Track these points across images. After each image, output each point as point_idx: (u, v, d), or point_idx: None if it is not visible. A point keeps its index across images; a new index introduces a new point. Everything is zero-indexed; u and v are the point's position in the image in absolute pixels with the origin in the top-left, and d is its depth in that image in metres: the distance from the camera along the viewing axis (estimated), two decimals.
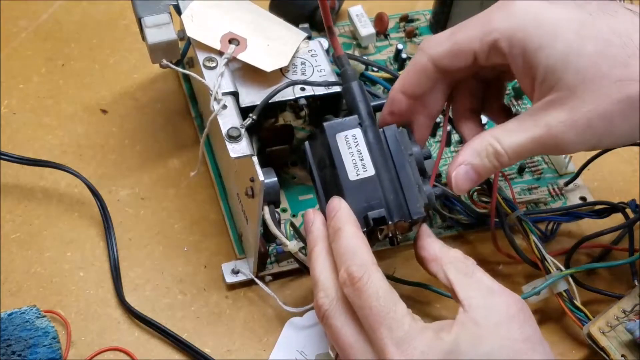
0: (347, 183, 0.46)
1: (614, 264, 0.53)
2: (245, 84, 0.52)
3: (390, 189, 0.46)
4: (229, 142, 0.47)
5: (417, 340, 0.40)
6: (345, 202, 0.45)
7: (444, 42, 0.46)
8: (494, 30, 0.44)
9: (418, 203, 0.46)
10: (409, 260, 0.54)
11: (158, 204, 0.58)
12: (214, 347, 0.51)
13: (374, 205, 0.45)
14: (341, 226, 0.44)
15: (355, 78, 0.49)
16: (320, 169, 0.48)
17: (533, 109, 0.44)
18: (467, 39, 0.45)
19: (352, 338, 0.42)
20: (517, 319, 0.41)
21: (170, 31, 0.54)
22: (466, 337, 0.40)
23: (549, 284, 0.50)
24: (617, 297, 0.52)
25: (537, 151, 0.44)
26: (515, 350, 0.40)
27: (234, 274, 0.53)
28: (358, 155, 0.46)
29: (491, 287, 0.42)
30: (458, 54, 0.46)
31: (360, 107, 0.48)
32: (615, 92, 0.41)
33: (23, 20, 0.68)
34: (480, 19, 0.45)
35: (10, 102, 0.63)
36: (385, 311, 0.40)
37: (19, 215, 0.56)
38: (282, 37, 0.55)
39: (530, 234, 0.52)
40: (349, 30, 0.68)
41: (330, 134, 0.47)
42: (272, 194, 0.48)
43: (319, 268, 0.45)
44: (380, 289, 0.41)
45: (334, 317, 0.43)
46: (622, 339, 0.49)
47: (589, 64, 0.42)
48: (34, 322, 0.50)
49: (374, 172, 0.46)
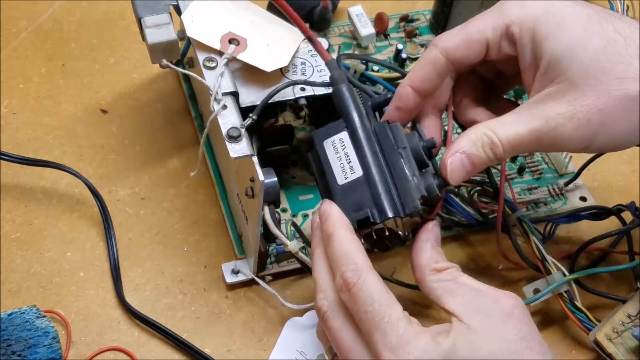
0: (336, 188, 0.45)
1: (617, 268, 0.53)
2: (245, 84, 0.52)
3: (381, 187, 0.45)
4: (229, 142, 0.47)
5: (411, 345, 0.40)
6: (336, 206, 0.45)
7: (456, 34, 0.46)
8: (506, 18, 0.45)
9: (412, 197, 0.44)
10: (404, 263, 0.55)
11: (158, 204, 0.58)
12: (214, 347, 0.51)
13: (363, 206, 0.45)
14: (333, 231, 0.44)
15: (343, 81, 0.48)
16: (320, 177, 0.48)
17: (531, 101, 0.44)
18: (479, 28, 0.46)
19: (350, 340, 0.42)
20: (512, 318, 0.40)
21: (170, 31, 0.54)
22: (463, 342, 0.40)
23: (553, 288, 0.50)
24: (619, 300, 0.52)
25: (533, 145, 0.44)
26: (513, 351, 0.39)
27: (234, 274, 0.53)
28: (346, 159, 0.46)
29: (477, 289, 0.42)
30: (471, 44, 0.46)
31: (348, 109, 0.47)
32: (616, 89, 0.42)
33: (23, 20, 0.68)
34: (493, 9, 0.46)
35: (10, 102, 0.63)
36: (380, 316, 0.40)
37: (19, 215, 0.56)
38: (282, 37, 0.55)
39: (530, 234, 0.52)
40: (348, 30, 0.68)
41: (318, 142, 0.47)
42: (272, 194, 0.48)
43: (318, 270, 0.45)
44: (374, 292, 0.41)
45: (333, 319, 0.43)
46: (629, 345, 0.49)
47: (592, 59, 0.42)
48: (34, 322, 0.50)
49: (362, 173, 0.45)
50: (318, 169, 0.47)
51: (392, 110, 0.48)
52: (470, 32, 0.46)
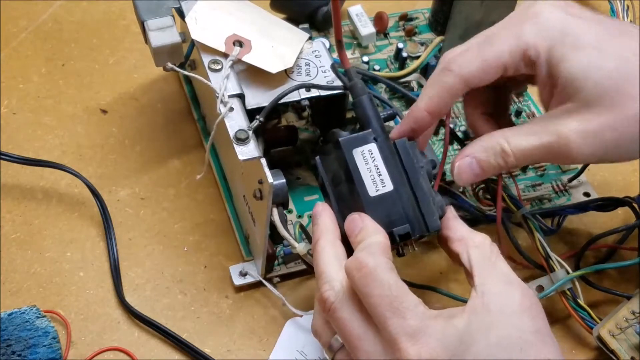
0: (367, 199, 0.45)
1: (622, 264, 0.53)
2: (250, 86, 0.52)
3: (408, 203, 0.45)
4: (237, 145, 0.47)
5: (431, 328, 0.39)
6: (368, 217, 0.45)
7: (474, 60, 0.46)
8: (523, 42, 0.45)
9: (434, 216, 0.46)
10: (410, 264, 0.55)
11: (158, 204, 0.58)
12: (214, 347, 0.51)
13: (395, 220, 0.45)
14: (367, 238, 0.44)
15: (365, 92, 0.49)
16: (335, 184, 0.47)
17: (547, 115, 0.45)
18: (497, 54, 0.46)
19: (361, 329, 0.41)
20: (530, 311, 0.41)
21: (174, 34, 0.54)
22: (477, 323, 0.40)
23: (557, 287, 0.50)
24: (625, 297, 0.52)
25: (544, 157, 0.45)
26: (525, 340, 0.39)
27: (242, 276, 0.53)
28: (376, 171, 0.46)
29: (509, 277, 0.42)
30: (488, 70, 0.46)
31: (372, 121, 0.48)
32: (630, 109, 0.43)
33: (23, 20, 0.68)
34: (509, 30, 0.46)
35: (10, 102, 0.63)
36: (399, 300, 0.40)
37: (19, 215, 0.56)
38: (286, 38, 0.55)
39: (535, 231, 0.52)
40: (349, 29, 0.68)
41: (347, 150, 0.46)
42: (281, 196, 0.48)
43: (324, 260, 0.44)
44: (390, 277, 0.41)
45: (341, 309, 0.42)
46: (632, 342, 0.49)
47: (607, 79, 0.43)
48: (34, 322, 0.50)
49: (393, 187, 0.46)
50: (337, 175, 0.47)
51: (406, 130, 0.48)
52: (488, 59, 0.46)
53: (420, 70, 0.64)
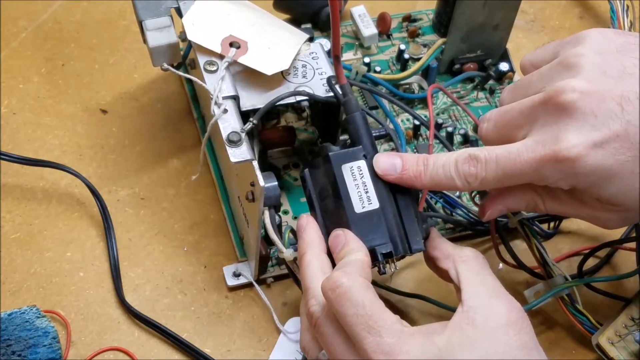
0: (353, 215, 0.45)
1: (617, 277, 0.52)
2: (245, 88, 0.52)
3: (392, 223, 0.45)
4: (229, 147, 0.47)
5: (408, 345, 0.39)
6: (351, 233, 0.45)
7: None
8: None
9: (418, 237, 0.45)
10: (400, 274, 0.55)
11: (158, 204, 0.58)
12: (214, 347, 0.51)
13: (378, 238, 0.45)
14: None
15: (358, 109, 0.48)
16: (322, 198, 0.47)
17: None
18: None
19: (342, 346, 0.41)
20: (515, 325, 0.40)
21: (172, 34, 0.54)
22: (460, 339, 0.39)
23: (554, 293, 0.50)
24: (624, 300, 0.51)
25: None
26: (511, 356, 0.39)
27: (235, 277, 0.53)
28: (363, 188, 0.46)
29: (496, 290, 0.42)
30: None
31: (364, 139, 0.47)
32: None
33: (23, 20, 0.68)
34: (527, 176, 0.43)
35: (10, 102, 0.62)
36: (373, 319, 0.39)
37: (19, 215, 0.56)
38: (284, 40, 0.54)
39: (532, 237, 0.51)
40: (351, 30, 0.68)
41: (336, 165, 0.46)
42: (272, 199, 0.47)
43: (310, 274, 0.44)
44: (365, 296, 0.40)
45: (325, 324, 0.42)
46: (632, 349, 0.49)
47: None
48: (34, 322, 0.50)
49: (379, 204, 0.45)
50: (324, 189, 0.47)
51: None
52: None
53: (421, 73, 0.64)
